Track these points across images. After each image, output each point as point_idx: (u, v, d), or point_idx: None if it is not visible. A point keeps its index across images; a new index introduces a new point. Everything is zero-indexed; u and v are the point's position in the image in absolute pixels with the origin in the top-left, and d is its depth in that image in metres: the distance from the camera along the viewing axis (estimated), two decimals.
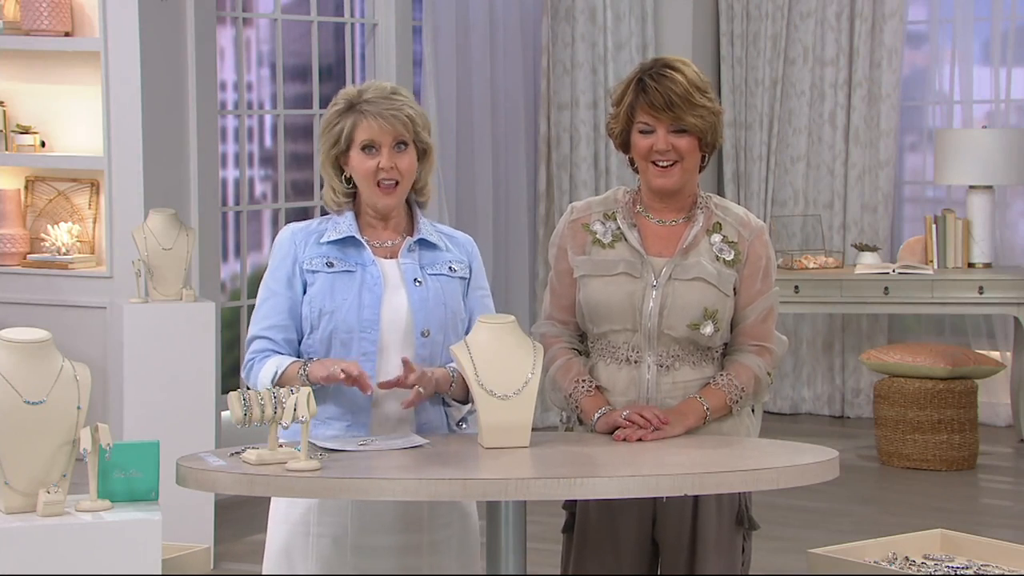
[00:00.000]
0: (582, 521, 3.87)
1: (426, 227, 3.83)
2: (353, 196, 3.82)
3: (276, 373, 3.68)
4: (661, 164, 3.78)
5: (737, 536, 3.84)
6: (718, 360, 3.86)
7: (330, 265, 3.75)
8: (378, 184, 3.73)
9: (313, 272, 3.75)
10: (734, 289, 3.82)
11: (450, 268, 3.81)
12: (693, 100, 3.74)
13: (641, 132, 3.79)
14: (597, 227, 3.86)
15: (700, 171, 3.87)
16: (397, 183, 3.74)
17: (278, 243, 3.83)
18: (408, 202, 3.85)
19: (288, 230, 3.84)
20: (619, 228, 3.84)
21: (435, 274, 3.78)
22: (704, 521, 3.80)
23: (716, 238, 3.83)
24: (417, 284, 3.75)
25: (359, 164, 3.74)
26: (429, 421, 3.76)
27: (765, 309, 3.85)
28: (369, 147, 3.73)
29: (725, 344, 3.88)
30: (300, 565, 3.71)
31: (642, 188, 3.89)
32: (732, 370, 3.82)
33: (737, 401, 3.80)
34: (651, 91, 3.75)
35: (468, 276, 3.84)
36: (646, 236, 3.84)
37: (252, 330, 3.78)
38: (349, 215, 3.81)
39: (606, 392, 3.81)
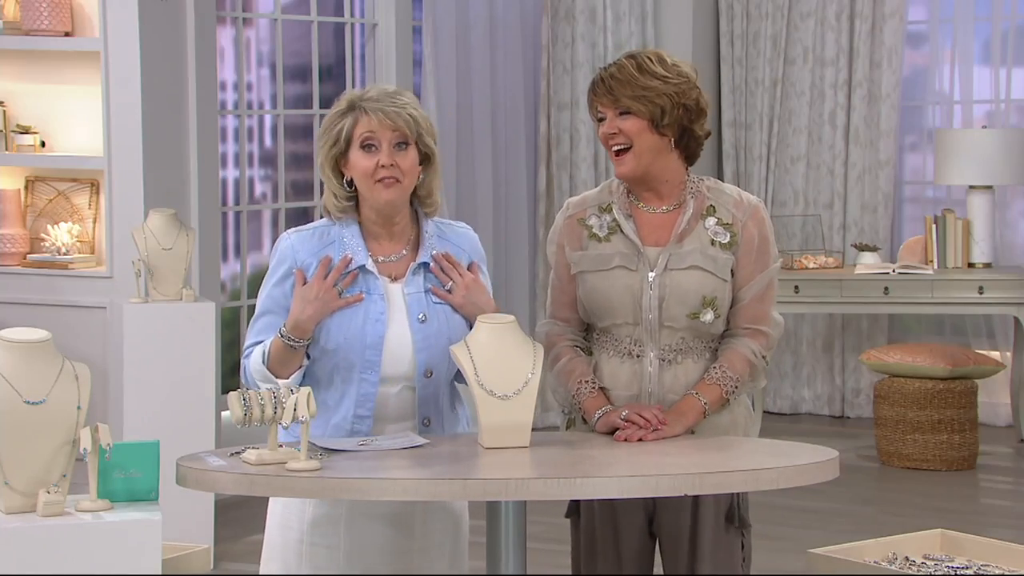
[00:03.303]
0: (587, 507, 3.88)
1: (430, 241, 3.74)
2: (355, 201, 3.73)
3: (264, 353, 3.65)
4: (614, 150, 3.79)
5: (736, 534, 3.85)
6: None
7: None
8: (378, 180, 3.65)
9: None
10: (732, 272, 3.82)
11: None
12: (636, 83, 3.74)
13: (599, 122, 3.82)
14: (593, 221, 3.86)
15: (691, 158, 3.84)
16: (398, 180, 3.66)
17: (279, 254, 3.74)
18: (416, 213, 3.78)
19: (287, 240, 3.74)
20: (615, 220, 3.83)
21: (440, 303, 3.72)
22: (703, 520, 3.80)
23: (711, 221, 3.82)
24: (421, 321, 3.70)
25: (358, 162, 3.65)
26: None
27: (760, 289, 3.83)
28: (369, 145, 3.64)
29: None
30: (295, 567, 3.70)
31: None
32: (725, 360, 3.79)
33: (733, 391, 3.79)
34: (595, 81, 3.80)
35: None
36: (642, 226, 3.83)
37: (249, 339, 3.74)
38: (354, 228, 3.72)
39: (609, 389, 3.81)
